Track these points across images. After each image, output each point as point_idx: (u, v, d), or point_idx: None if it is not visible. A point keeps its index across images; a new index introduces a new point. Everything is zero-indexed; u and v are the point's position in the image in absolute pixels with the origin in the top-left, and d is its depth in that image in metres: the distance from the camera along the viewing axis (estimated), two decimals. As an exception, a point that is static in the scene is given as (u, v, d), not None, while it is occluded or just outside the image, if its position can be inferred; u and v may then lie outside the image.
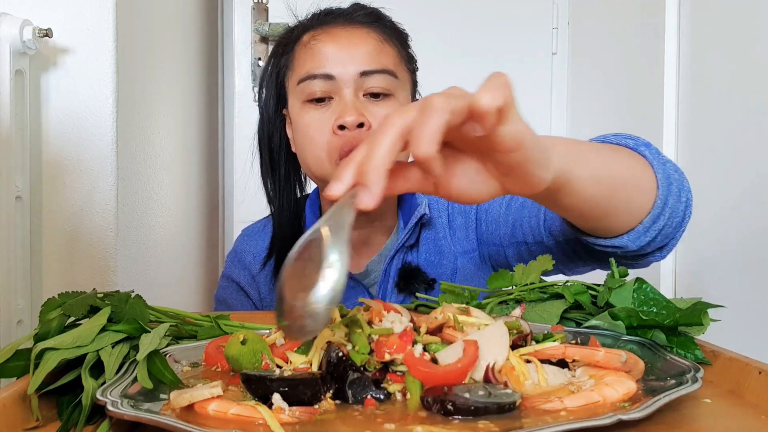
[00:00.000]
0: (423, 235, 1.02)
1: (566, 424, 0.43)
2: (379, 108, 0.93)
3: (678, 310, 0.64)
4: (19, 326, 1.06)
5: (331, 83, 0.92)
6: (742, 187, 1.35)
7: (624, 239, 0.70)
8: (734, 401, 0.54)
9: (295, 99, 0.96)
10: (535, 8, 2.23)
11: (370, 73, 0.92)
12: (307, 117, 0.94)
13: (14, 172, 1.05)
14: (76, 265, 1.16)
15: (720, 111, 1.42)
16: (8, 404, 0.51)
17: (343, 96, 0.92)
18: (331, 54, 0.92)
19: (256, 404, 0.47)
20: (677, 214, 0.71)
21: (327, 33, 0.95)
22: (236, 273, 1.09)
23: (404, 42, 1.02)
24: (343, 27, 0.95)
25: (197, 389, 0.49)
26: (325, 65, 0.92)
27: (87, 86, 1.16)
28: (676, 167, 0.73)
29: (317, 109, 0.93)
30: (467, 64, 2.20)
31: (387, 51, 0.96)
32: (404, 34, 1.03)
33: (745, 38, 1.35)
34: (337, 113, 0.91)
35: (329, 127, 0.91)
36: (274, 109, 1.01)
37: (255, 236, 1.11)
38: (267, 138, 1.02)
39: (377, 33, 0.96)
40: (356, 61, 0.92)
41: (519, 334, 0.58)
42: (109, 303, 0.66)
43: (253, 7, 2.10)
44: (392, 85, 0.94)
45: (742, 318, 1.27)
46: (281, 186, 1.03)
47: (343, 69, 0.92)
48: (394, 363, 0.52)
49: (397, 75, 0.95)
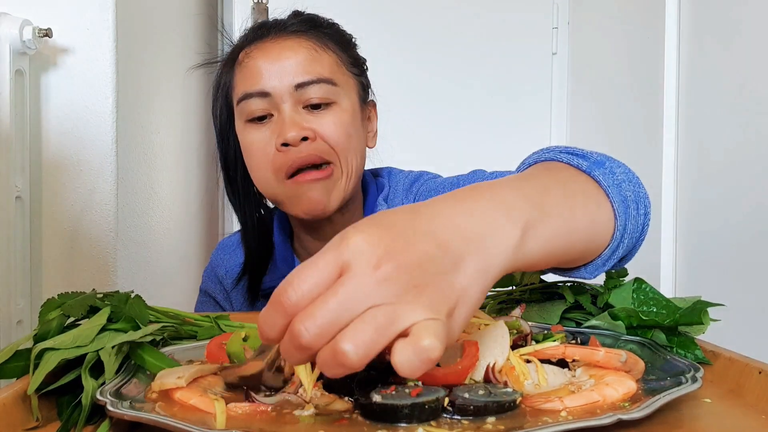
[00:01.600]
0: None
1: (566, 424, 0.43)
2: (321, 119, 0.90)
3: (678, 310, 0.64)
4: (19, 326, 1.06)
5: (268, 100, 0.89)
6: (742, 187, 1.35)
7: (581, 272, 0.64)
8: (734, 401, 0.54)
9: (238, 119, 0.93)
10: (535, 8, 2.23)
11: (305, 84, 0.89)
12: (249, 137, 0.91)
13: (14, 172, 1.05)
14: (76, 265, 1.16)
15: (720, 111, 1.42)
16: (8, 404, 0.51)
17: (282, 111, 0.89)
18: (263, 69, 0.89)
19: (215, 398, 0.49)
20: (636, 231, 0.64)
21: (259, 48, 0.92)
22: (211, 287, 1.08)
23: (346, 45, 0.97)
24: (274, 40, 0.92)
25: (170, 374, 0.51)
26: (258, 82, 0.89)
27: (87, 86, 1.16)
28: (628, 174, 0.64)
29: (258, 128, 0.91)
30: (467, 64, 2.21)
31: (322, 58, 0.91)
32: (346, 37, 0.98)
33: (746, 38, 1.35)
34: (278, 131, 0.88)
35: (272, 146, 0.89)
36: (225, 125, 0.99)
37: (228, 250, 1.09)
38: (223, 156, 1.00)
39: (310, 41, 0.92)
40: (289, 74, 0.89)
41: (519, 334, 0.58)
42: (109, 303, 0.65)
43: (253, 7, 2.10)
44: (331, 93, 0.90)
45: (742, 318, 1.27)
46: (243, 204, 1.01)
47: (278, 83, 0.88)
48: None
49: (336, 82, 0.91)
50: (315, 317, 0.39)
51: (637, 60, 1.77)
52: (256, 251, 1.01)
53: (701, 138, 1.50)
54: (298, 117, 0.89)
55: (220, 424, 0.46)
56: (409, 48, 2.11)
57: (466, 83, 2.21)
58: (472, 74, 2.21)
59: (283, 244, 1.02)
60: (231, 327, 0.71)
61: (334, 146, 0.89)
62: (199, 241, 1.91)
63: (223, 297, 1.07)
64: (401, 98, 1.02)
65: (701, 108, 1.50)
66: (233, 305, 1.05)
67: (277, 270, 1.00)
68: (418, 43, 2.15)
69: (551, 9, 2.23)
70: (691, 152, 1.54)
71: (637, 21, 1.78)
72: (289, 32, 0.93)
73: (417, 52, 2.10)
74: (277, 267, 1.00)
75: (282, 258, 1.01)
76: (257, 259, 1.01)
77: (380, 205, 0.98)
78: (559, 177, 0.61)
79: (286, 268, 0.99)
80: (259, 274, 1.01)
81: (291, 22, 0.94)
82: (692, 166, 1.53)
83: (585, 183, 0.61)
